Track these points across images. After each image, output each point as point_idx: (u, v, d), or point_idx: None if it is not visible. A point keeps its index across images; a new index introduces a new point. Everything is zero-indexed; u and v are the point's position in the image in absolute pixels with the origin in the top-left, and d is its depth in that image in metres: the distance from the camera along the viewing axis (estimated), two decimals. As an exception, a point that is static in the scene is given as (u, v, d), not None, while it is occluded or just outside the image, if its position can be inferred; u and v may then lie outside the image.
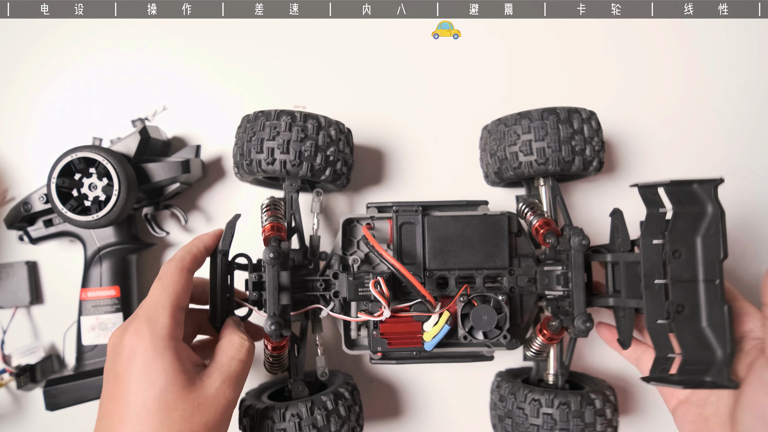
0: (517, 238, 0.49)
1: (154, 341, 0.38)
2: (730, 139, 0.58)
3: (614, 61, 0.59)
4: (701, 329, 0.41)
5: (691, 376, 0.40)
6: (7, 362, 0.56)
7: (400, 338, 0.47)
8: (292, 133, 0.47)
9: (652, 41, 0.59)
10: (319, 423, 0.44)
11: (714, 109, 0.59)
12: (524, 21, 0.59)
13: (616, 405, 0.48)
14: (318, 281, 0.48)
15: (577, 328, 0.44)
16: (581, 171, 0.49)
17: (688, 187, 0.41)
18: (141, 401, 0.37)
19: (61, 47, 0.59)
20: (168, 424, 0.37)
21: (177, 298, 0.41)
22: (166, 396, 0.37)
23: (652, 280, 0.42)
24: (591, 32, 0.59)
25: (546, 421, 0.46)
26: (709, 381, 0.39)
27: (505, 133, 0.50)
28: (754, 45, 0.59)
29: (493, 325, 0.46)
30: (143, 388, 0.37)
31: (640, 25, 0.59)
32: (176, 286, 0.41)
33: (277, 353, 0.47)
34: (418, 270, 0.48)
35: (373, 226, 0.50)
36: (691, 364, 0.40)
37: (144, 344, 0.38)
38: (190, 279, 0.43)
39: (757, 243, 0.57)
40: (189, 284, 0.42)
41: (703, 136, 0.59)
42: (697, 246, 0.41)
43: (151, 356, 0.38)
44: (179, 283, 0.41)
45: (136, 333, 0.39)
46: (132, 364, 0.38)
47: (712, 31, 0.59)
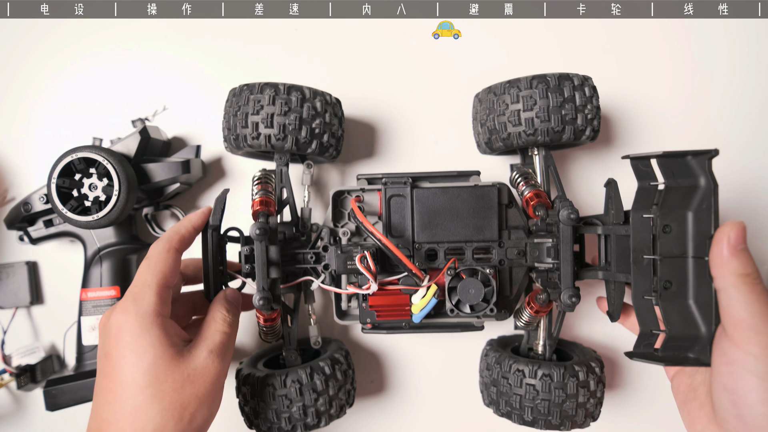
0: (508, 210, 0.49)
1: (140, 318, 0.39)
2: (730, 139, 0.58)
3: (614, 61, 0.59)
4: (687, 305, 0.40)
5: (674, 352, 0.40)
6: (7, 362, 0.56)
7: (389, 310, 0.48)
8: (276, 106, 0.46)
9: (652, 41, 0.59)
10: (319, 387, 0.46)
11: (714, 109, 0.59)
12: (524, 21, 0.59)
13: (602, 377, 0.48)
14: (309, 254, 0.48)
15: (564, 303, 0.45)
16: (572, 141, 0.48)
17: (681, 160, 0.40)
18: (131, 376, 0.38)
19: (61, 47, 0.59)
20: (159, 397, 0.38)
21: (164, 276, 0.41)
22: (156, 369, 0.38)
23: (641, 255, 0.41)
24: (591, 32, 0.59)
25: (528, 391, 0.46)
26: (692, 358, 0.39)
27: (494, 102, 0.49)
28: (754, 45, 0.59)
29: (480, 299, 0.46)
30: (132, 363, 0.38)
31: (640, 25, 0.59)
32: (163, 266, 0.42)
33: (269, 324, 0.49)
34: (407, 243, 0.48)
35: (362, 198, 0.50)
36: (675, 341, 0.40)
37: (130, 321, 0.39)
38: (177, 258, 0.43)
39: (757, 243, 0.57)
40: (176, 263, 0.43)
41: (703, 135, 0.59)
42: (688, 221, 0.40)
43: (138, 332, 0.39)
44: (166, 263, 0.42)
45: (123, 311, 0.40)
46: (120, 341, 0.39)
47: (712, 31, 0.59)
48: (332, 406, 0.47)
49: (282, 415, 0.46)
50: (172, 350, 0.39)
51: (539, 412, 0.46)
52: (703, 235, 0.39)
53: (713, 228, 0.38)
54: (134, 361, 0.38)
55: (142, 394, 0.38)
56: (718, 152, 0.38)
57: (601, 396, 0.48)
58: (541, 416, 0.46)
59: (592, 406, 0.47)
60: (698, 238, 0.40)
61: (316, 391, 0.46)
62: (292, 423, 0.46)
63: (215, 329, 0.42)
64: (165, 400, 0.38)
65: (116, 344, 0.39)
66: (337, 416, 0.48)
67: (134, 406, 0.37)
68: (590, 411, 0.47)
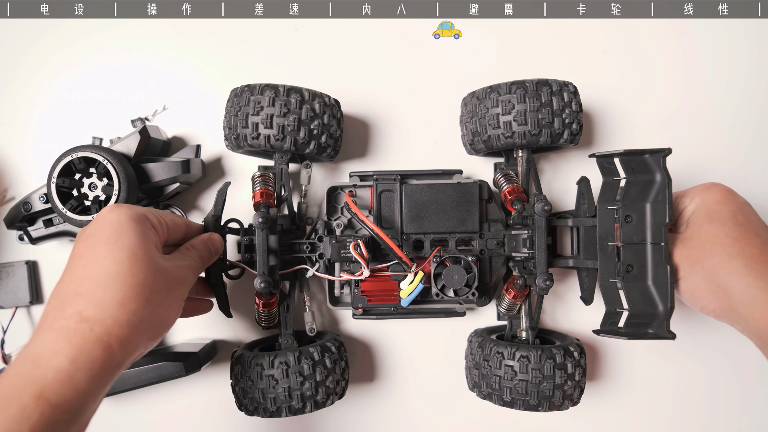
0: (488, 205, 0.54)
1: (132, 210, 0.40)
2: (729, 139, 0.58)
3: (614, 61, 0.59)
4: (647, 287, 0.46)
5: (636, 328, 0.46)
6: (7, 362, 0.56)
7: (379, 295, 0.52)
8: (275, 107, 0.48)
9: (652, 41, 0.59)
10: (305, 372, 0.48)
11: (714, 109, 0.59)
12: (524, 21, 0.59)
13: (580, 361, 0.50)
14: (305, 244, 0.52)
15: (539, 286, 0.48)
16: (550, 143, 0.50)
17: (640, 157, 0.45)
18: (108, 253, 0.37)
19: (61, 47, 0.59)
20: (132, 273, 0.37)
21: (159, 214, 0.43)
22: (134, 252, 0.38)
23: (606, 243, 0.47)
24: (591, 32, 0.59)
25: (507, 372, 0.49)
26: (651, 333, 0.45)
27: (476, 106, 0.51)
28: (754, 45, 0.59)
29: (463, 284, 0.50)
30: (113, 242, 0.38)
31: (640, 25, 0.59)
32: (163, 213, 0.44)
33: (267, 310, 0.51)
34: (395, 234, 0.52)
35: (355, 193, 0.54)
36: (637, 318, 0.46)
37: (120, 211, 0.40)
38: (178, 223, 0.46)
39: (757, 243, 0.57)
40: (176, 223, 0.45)
41: (703, 136, 0.59)
42: (646, 211, 0.46)
43: (126, 220, 0.39)
44: (167, 215, 0.44)
45: (116, 206, 0.41)
46: (105, 225, 0.39)
47: (712, 31, 0.59)
48: (318, 393, 0.48)
49: (268, 395, 0.47)
50: (150, 243, 0.39)
51: (517, 392, 0.48)
52: (659, 223, 0.45)
53: (668, 217, 0.44)
54: (115, 239, 0.38)
55: (114, 267, 0.37)
56: (671, 151, 0.44)
57: (580, 380, 0.50)
58: (519, 396, 0.48)
59: (570, 389, 0.49)
60: (655, 226, 0.45)
61: (303, 375, 0.47)
62: (277, 404, 0.47)
63: (187, 255, 0.44)
64: (138, 277, 0.37)
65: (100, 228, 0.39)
66: (324, 404, 0.49)
67: (105, 277, 0.36)
68: (568, 393, 0.49)
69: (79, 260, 0.38)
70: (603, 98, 0.59)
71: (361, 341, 0.59)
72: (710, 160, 0.58)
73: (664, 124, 0.59)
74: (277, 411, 0.48)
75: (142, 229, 0.39)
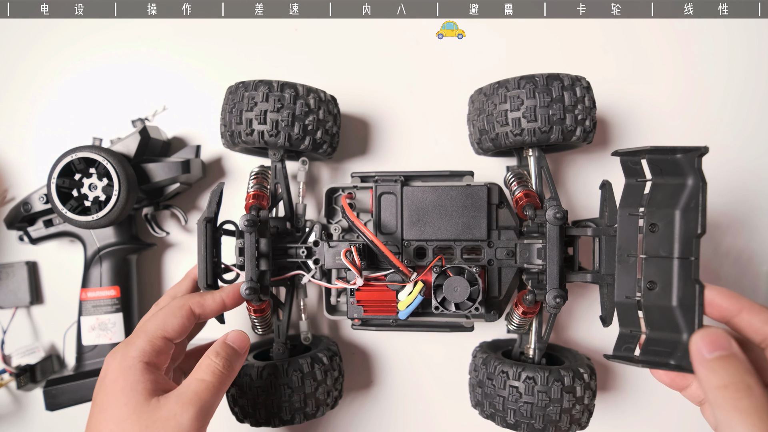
0: (499, 210, 0.48)
1: (123, 362, 0.39)
2: (729, 139, 0.58)
3: (614, 61, 0.59)
4: (671, 309, 0.38)
5: (655, 357, 0.38)
6: (7, 362, 0.56)
7: (376, 306, 0.48)
8: (269, 102, 0.47)
9: (652, 41, 0.59)
10: (294, 384, 0.47)
11: (714, 109, 0.59)
12: (524, 21, 0.59)
13: (590, 384, 0.47)
14: (300, 248, 0.49)
15: (549, 303, 0.44)
16: (562, 141, 0.47)
17: (670, 157, 0.38)
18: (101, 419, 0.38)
19: (61, 47, 0.59)
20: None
21: (164, 329, 0.41)
22: (119, 415, 0.38)
23: (626, 254, 0.40)
24: (591, 32, 0.59)
25: (511, 393, 0.46)
26: (672, 364, 0.37)
27: (484, 102, 0.49)
28: (754, 45, 0.59)
29: (466, 297, 0.45)
30: (104, 408, 0.39)
31: (640, 25, 0.59)
32: (169, 319, 0.42)
33: (259, 315, 0.50)
34: (396, 240, 0.48)
35: (354, 195, 0.50)
36: (656, 344, 0.38)
37: (114, 365, 0.40)
38: (188, 319, 0.42)
39: (755, 244, 0.57)
40: (185, 323, 0.42)
41: (702, 136, 0.58)
42: (675, 220, 0.38)
43: (115, 377, 0.39)
44: (174, 317, 0.42)
45: (113, 354, 0.40)
46: (102, 384, 0.40)
47: (712, 31, 0.59)
48: (307, 405, 0.48)
49: (257, 405, 0.47)
50: (140, 397, 0.38)
51: (522, 415, 0.45)
52: (690, 234, 0.38)
53: (700, 228, 0.37)
54: (105, 406, 0.39)
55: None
56: (707, 150, 0.37)
57: (589, 404, 0.47)
58: (524, 419, 0.45)
59: (578, 413, 0.46)
60: (685, 238, 0.38)
61: (291, 387, 0.47)
62: (266, 415, 0.47)
63: (195, 376, 0.40)
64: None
65: (99, 388, 0.40)
66: (314, 416, 0.49)
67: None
68: (576, 418, 0.46)
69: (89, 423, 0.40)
70: (603, 98, 0.59)
71: (361, 346, 0.59)
72: (710, 160, 0.58)
73: (664, 124, 0.59)
74: (266, 421, 0.47)
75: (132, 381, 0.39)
